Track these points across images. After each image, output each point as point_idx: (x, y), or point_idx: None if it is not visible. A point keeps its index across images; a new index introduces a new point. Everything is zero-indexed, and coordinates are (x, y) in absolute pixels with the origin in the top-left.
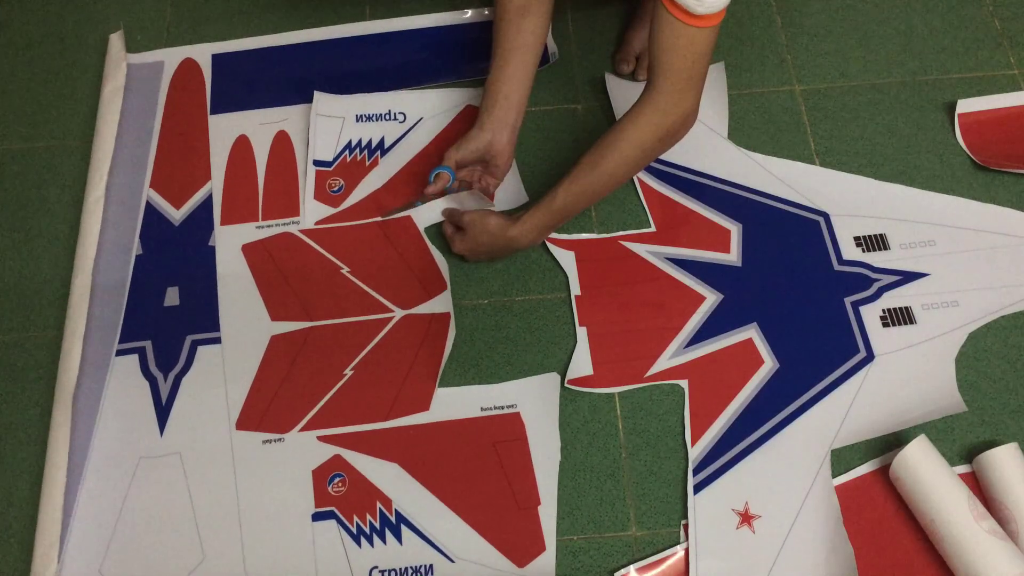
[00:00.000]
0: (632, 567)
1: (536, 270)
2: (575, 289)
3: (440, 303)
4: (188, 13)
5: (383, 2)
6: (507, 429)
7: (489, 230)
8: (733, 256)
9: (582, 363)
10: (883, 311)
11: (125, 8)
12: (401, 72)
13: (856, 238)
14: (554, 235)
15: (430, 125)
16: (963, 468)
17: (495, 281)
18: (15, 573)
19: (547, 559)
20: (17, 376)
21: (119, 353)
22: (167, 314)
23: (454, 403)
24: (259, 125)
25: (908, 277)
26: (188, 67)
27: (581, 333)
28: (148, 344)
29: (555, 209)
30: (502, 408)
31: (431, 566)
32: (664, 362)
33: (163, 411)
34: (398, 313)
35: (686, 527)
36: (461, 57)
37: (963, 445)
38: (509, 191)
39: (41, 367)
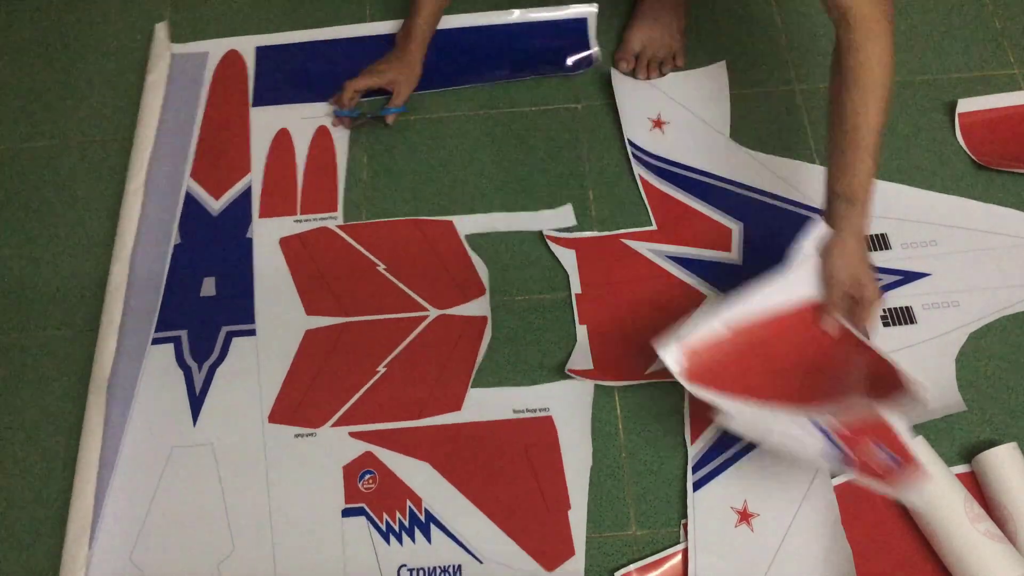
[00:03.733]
0: (632, 567)
1: (536, 269)
2: (575, 287)
3: (477, 306)
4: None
5: (384, 2)
6: (539, 433)
7: (861, 257)
8: (734, 255)
9: (582, 362)
10: (883, 311)
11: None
12: (451, 69)
13: None
14: (554, 234)
15: None
16: (962, 468)
17: (495, 281)
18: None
19: (576, 563)
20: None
21: (155, 342)
22: (203, 304)
23: (486, 404)
24: (300, 119)
25: (909, 277)
26: (232, 59)
27: (581, 331)
28: (184, 334)
29: (866, 203)
30: (535, 411)
31: (459, 566)
32: None
33: (196, 401)
34: (433, 312)
35: (686, 526)
36: (504, 57)
37: (963, 445)
38: None
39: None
